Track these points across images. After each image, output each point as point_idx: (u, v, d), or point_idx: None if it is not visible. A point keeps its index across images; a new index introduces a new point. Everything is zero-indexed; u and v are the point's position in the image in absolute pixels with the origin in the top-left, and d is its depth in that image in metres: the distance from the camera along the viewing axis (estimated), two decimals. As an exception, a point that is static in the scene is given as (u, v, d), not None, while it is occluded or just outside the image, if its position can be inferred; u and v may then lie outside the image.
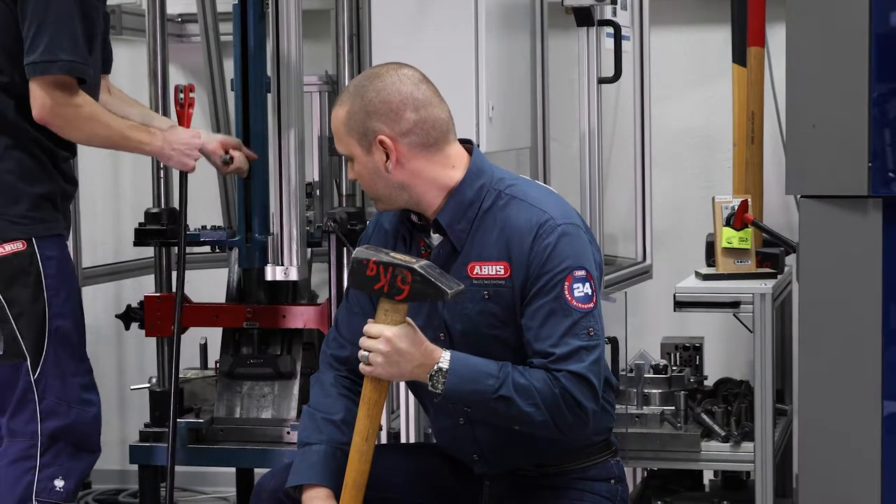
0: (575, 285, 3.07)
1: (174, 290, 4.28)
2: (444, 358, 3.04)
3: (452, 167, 3.18)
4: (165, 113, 4.44)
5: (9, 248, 3.59)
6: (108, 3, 5.39)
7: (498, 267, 3.13)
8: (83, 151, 4.35)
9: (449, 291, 2.98)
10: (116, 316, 4.43)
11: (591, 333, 3.07)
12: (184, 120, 4.18)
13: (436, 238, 3.22)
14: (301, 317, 4.30)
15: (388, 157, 3.13)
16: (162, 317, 4.30)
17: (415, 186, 3.16)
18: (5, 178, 3.61)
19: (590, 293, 3.08)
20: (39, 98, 3.57)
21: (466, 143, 3.25)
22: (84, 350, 3.75)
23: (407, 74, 3.16)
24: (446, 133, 3.17)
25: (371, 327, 3.04)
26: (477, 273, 3.14)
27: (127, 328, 4.42)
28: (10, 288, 3.60)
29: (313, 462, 3.19)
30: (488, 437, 3.23)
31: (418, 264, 2.99)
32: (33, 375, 3.62)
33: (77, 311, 3.73)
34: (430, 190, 3.16)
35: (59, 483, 3.65)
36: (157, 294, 4.36)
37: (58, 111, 3.59)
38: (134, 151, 3.88)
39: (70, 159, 3.77)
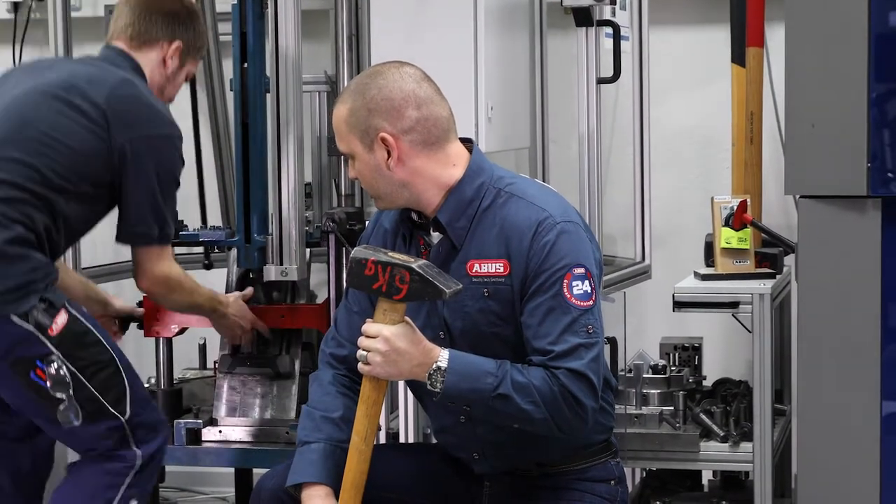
0: (574, 283, 3.07)
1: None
2: (443, 357, 3.04)
3: (453, 165, 3.18)
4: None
5: (60, 321, 3.58)
6: (108, 2, 5.45)
7: (497, 265, 3.13)
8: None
9: (447, 291, 2.98)
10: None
11: (591, 331, 3.07)
12: None
13: (435, 236, 3.22)
14: (300, 317, 4.30)
15: (389, 154, 3.13)
16: (161, 317, 4.29)
17: (415, 184, 3.16)
18: (34, 255, 3.58)
19: (589, 291, 3.08)
20: (148, 268, 3.77)
21: (467, 142, 3.25)
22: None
23: (409, 72, 3.16)
24: (447, 131, 3.18)
25: (369, 327, 3.04)
26: (476, 271, 3.14)
27: (124, 332, 4.41)
28: (77, 355, 3.60)
29: (312, 460, 3.19)
30: (489, 435, 3.23)
31: (416, 264, 2.99)
32: (125, 417, 3.65)
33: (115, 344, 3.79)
34: (430, 188, 3.17)
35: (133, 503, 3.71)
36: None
37: (156, 280, 3.81)
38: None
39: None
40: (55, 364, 3.55)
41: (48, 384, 3.55)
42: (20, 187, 3.56)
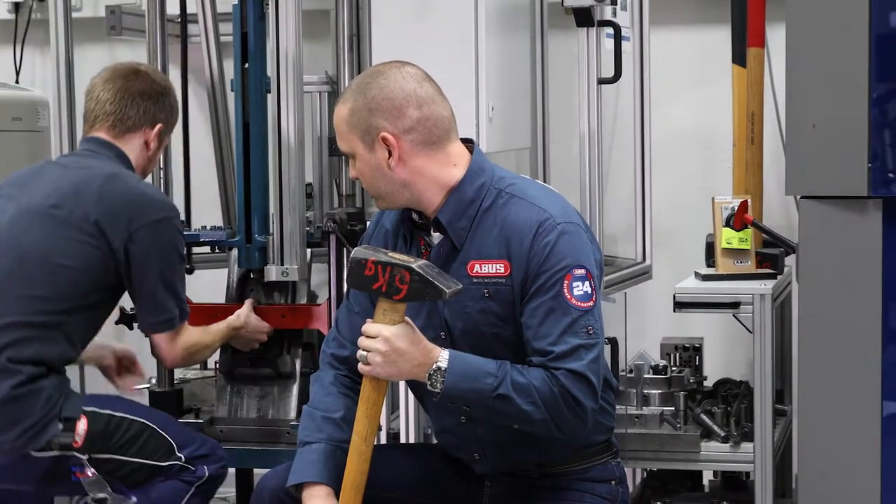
0: (574, 284, 3.06)
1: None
2: (443, 357, 3.04)
3: (454, 165, 3.18)
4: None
5: (81, 429, 3.67)
6: (108, 2, 5.44)
7: (498, 265, 3.12)
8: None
9: (447, 291, 2.98)
10: (116, 323, 4.39)
11: (591, 332, 3.06)
12: None
13: (436, 237, 3.22)
14: (301, 317, 4.29)
15: (390, 154, 3.13)
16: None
17: (416, 184, 3.16)
18: (46, 384, 3.67)
19: (589, 292, 3.08)
20: (169, 350, 3.88)
21: (468, 143, 3.25)
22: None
23: (410, 72, 3.16)
24: (448, 131, 3.17)
25: (369, 327, 3.04)
26: (477, 272, 3.14)
27: (130, 328, 4.40)
28: (107, 446, 3.70)
29: (313, 460, 3.19)
30: (490, 436, 3.23)
31: (416, 264, 2.99)
32: (181, 462, 3.77)
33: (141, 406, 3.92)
34: (431, 188, 3.16)
35: None
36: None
37: (174, 357, 3.91)
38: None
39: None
40: (88, 469, 3.66)
41: (86, 483, 3.67)
42: (28, 325, 3.65)
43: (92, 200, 3.72)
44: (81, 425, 3.66)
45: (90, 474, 3.65)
